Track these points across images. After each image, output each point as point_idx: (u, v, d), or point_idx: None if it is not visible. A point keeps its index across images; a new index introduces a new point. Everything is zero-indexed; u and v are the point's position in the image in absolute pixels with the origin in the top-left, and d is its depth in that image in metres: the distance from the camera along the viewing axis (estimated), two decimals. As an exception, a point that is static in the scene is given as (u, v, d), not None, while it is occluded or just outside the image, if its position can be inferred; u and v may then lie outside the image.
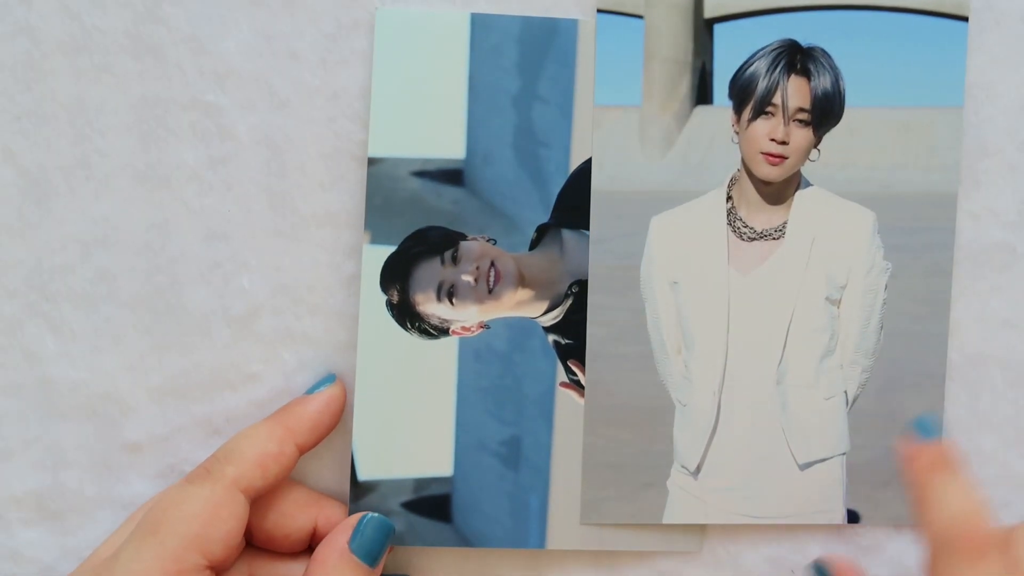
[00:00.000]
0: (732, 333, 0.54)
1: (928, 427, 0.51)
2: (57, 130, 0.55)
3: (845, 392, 0.54)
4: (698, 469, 0.54)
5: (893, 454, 0.53)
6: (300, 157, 0.55)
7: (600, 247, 0.53)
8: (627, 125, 0.53)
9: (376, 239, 0.55)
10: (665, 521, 0.54)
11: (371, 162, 0.54)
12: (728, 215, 0.54)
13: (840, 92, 0.53)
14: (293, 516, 0.53)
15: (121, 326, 0.56)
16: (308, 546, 0.54)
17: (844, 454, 0.54)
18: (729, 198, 0.54)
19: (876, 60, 0.52)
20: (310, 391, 0.54)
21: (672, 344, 0.54)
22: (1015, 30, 0.55)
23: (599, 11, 0.52)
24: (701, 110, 0.53)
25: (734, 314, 0.53)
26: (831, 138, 0.53)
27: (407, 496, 0.55)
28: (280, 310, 0.56)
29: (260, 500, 0.52)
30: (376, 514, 0.52)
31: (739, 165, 0.53)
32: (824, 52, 0.52)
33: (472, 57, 0.54)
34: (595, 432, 0.54)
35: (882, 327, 0.54)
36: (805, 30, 0.52)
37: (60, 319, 0.56)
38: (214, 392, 0.56)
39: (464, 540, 0.55)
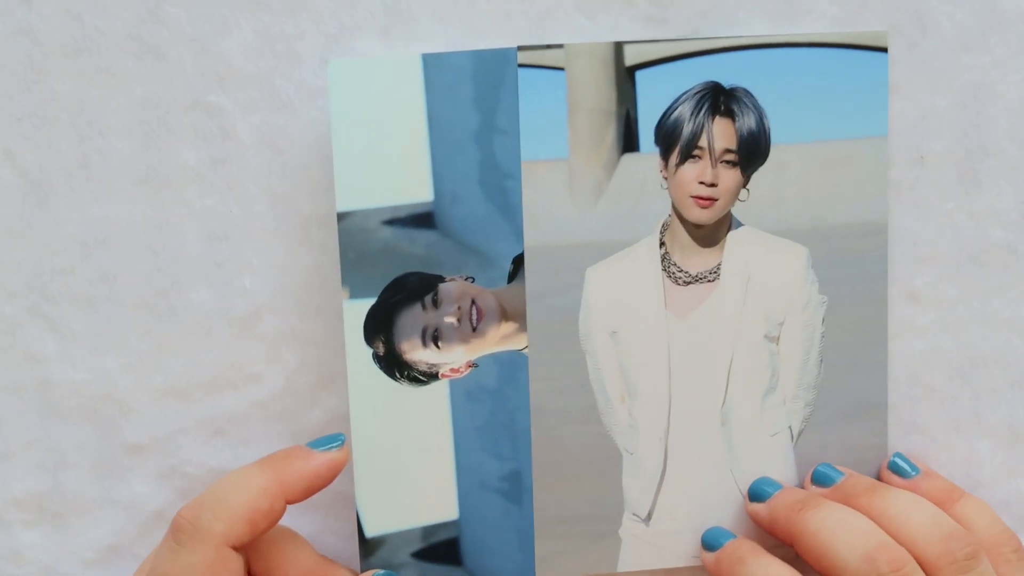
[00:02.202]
0: (674, 378, 0.54)
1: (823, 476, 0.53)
2: (58, 131, 0.55)
3: (790, 427, 0.54)
4: (649, 516, 0.54)
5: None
6: (301, 157, 0.55)
7: (537, 303, 0.53)
8: (556, 178, 0.53)
9: (355, 294, 0.54)
10: (620, 570, 0.54)
11: (340, 217, 0.54)
12: (662, 261, 0.54)
13: (765, 130, 0.53)
14: None
15: (122, 327, 0.56)
16: None
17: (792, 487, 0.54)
18: (662, 244, 0.54)
19: (798, 96, 0.53)
20: (315, 445, 0.51)
21: (615, 393, 0.54)
22: (1016, 30, 0.55)
23: (520, 66, 0.52)
24: (628, 158, 0.53)
25: (675, 359, 0.54)
26: (760, 176, 0.53)
27: (416, 546, 0.55)
28: (281, 310, 0.56)
29: (267, 569, 0.51)
30: (383, 571, 0.53)
31: (670, 210, 0.53)
32: (747, 92, 0.52)
33: (428, 97, 0.54)
34: (544, 487, 0.54)
35: (822, 360, 0.54)
36: (727, 71, 0.53)
37: (61, 320, 0.56)
38: (215, 393, 0.56)
39: None
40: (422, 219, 0.55)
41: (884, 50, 0.53)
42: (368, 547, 0.55)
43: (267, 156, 0.55)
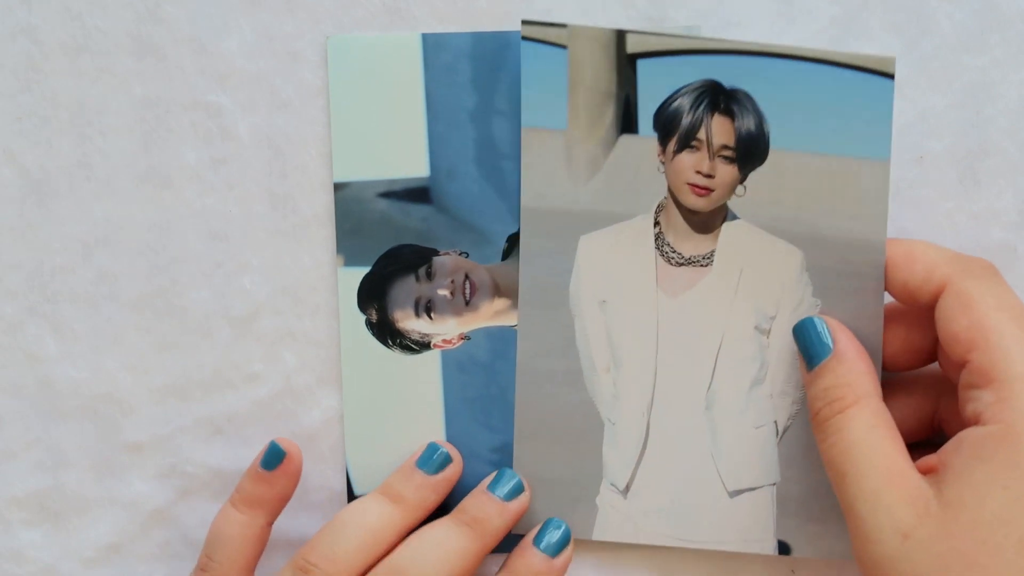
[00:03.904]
0: (661, 355, 0.53)
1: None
2: (58, 131, 0.55)
3: (775, 422, 0.53)
4: (627, 488, 0.54)
5: (824, 490, 0.53)
6: (301, 157, 0.55)
7: (529, 263, 0.53)
8: (554, 147, 0.53)
9: (349, 262, 0.55)
10: (595, 538, 0.54)
11: (337, 187, 0.55)
12: (656, 240, 0.53)
13: (764, 133, 0.52)
14: None
15: (122, 326, 0.56)
16: None
17: (774, 484, 0.53)
18: (657, 223, 0.53)
19: (800, 108, 0.52)
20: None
21: (601, 362, 0.54)
22: (1015, 30, 0.55)
23: (523, 39, 0.52)
24: (626, 138, 0.53)
25: (663, 336, 0.53)
26: (757, 176, 0.52)
27: None
28: (281, 310, 0.56)
29: None
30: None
31: (665, 193, 0.53)
32: (747, 95, 0.52)
33: (427, 77, 0.55)
34: (524, 446, 0.54)
35: None
36: (728, 73, 0.52)
37: (61, 319, 0.56)
38: (215, 392, 0.56)
39: None
40: (418, 193, 0.55)
41: (891, 76, 0.52)
42: None
43: (267, 156, 0.55)
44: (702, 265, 0.53)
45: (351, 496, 0.56)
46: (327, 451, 0.56)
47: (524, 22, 0.52)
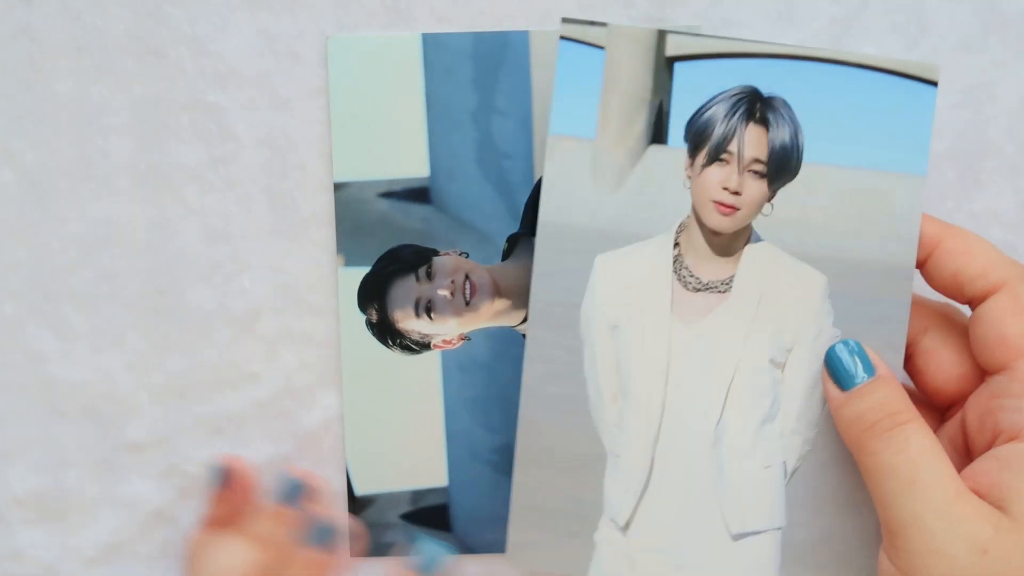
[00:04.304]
0: (671, 386, 0.51)
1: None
2: (58, 130, 0.55)
3: (784, 463, 0.51)
4: (627, 525, 0.51)
5: (832, 537, 0.50)
6: (300, 157, 0.55)
7: (543, 281, 0.51)
8: (579, 157, 0.51)
9: (350, 261, 0.55)
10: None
11: (337, 187, 0.55)
12: (675, 263, 0.51)
13: (799, 146, 0.50)
14: None
15: (122, 326, 0.56)
16: None
17: (780, 529, 0.50)
18: (676, 244, 0.51)
19: (838, 117, 0.50)
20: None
21: (608, 390, 0.51)
22: (1015, 30, 0.55)
23: (562, 38, 0.51)
24: (655, 149, 0.51)
25: (674, 366, 0.51)
26: (786, 194, 0.50)
27: (405, 508, 0.56)
28: (281, 310, 0.56)
29: None
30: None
31: (689, 211, 0.51)
32: (785, 103, 0.50)
33: (427, 77, 0.55)
34: (525, 472, 0.51)
35: None
36: (767, 78, 0.50)
37: (61, 319, 0.56)
38: (215, 392, 0.56)
39: (467, 548, 0.56)
40: (418, 193, 0.55)
41: (934, 83, 0.50)
42: (357, 505, 0.56)
43: (267, 156, 0.55)
44: (720, 291, 0.51)
45: (351, 496, 0.56)
46: (327, 451, 0.56)
47: (564, 20, 0.51)
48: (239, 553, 0.50)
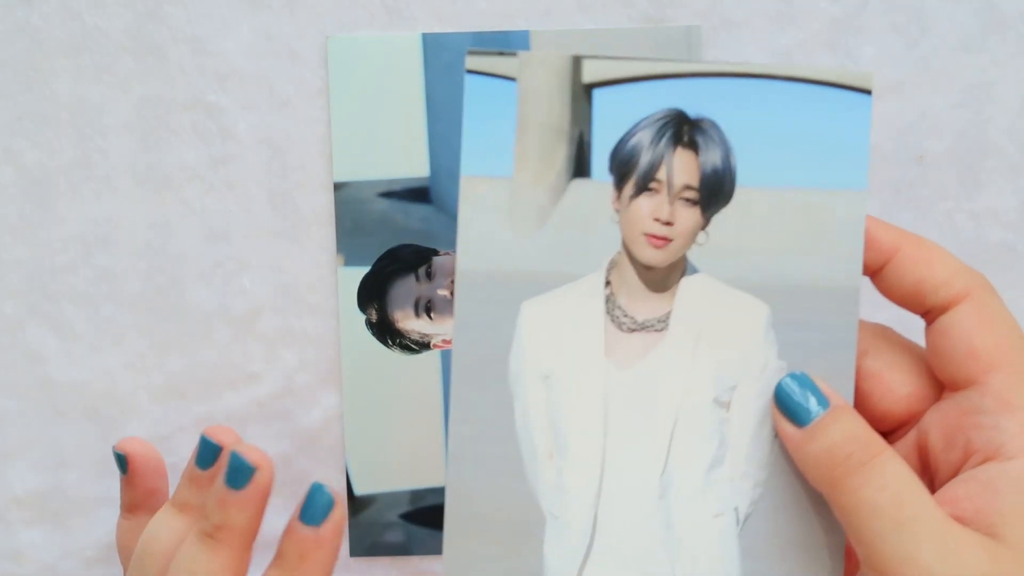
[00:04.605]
0: (610, 437, 0.47)
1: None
2: (58, 130, 0.55)
3: (736, 509, 0.47)
4: None
5: None
6: (300, 157, 0.55)
7: (464, 334, 0.47)
8: (496, 197, 0.47)
9: (349, 261, 0.55)
10: None
11: (337, 187, 0.55)
12: (607, 302, 0.47)
13: (731, 169, 0.47)
14: None
15: (122, 326, 0.56)
16: None
17: None
18: (608, 283, 0.47)
19: (771, 135, 0.47)
20: (310, 519, 0.44)
21: (543, 447, 0.47)
22: (1015, 30, 0.55)
23: (468, 71, 0.47)
24: (578, 183, 0.47)
25: (612, 414, 0.47)
26: (721, 220, 0.47)
27: (404, 508, 0.56)
28: (281, 310, 0.56)
29: None
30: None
31: (619, 247, 0.47)
32: (713, 124, 0.47)
33: (427, 76, 0.55)
34: (456, 546, 0.47)
35: (776, 435, 0.46)
36: (693, 99, 0.47)
37: (61, 319, 0.56)
38: (215, 392, 0.56)
39: None
40: (418, 193, 0.56)
41: (868, 92, 0.46)
42: (356, 505, 0.56)
43: (267, 156, 0.55)
44: (656, 330, 0.47)
45: (351, 495, 0.56)
46: (327, 451, 0.56)
47: (470, 52, 0.47)
48: (162, 526, 0.47)
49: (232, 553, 0.44)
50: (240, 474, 0.44)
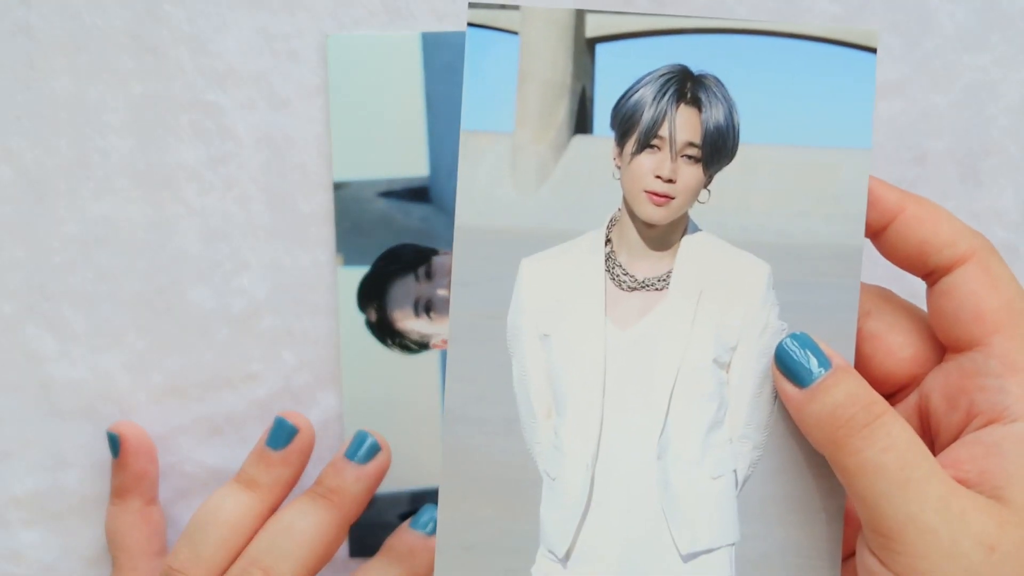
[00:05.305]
0: (609, 396, 0.46)
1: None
2: (57, 129, 0.55)
3: (735, 471, 0.46)
4: (567, 555, 0.46)
5: (788, 549, 0.46)
6: (300, 157, 0.55)
7: (462, 292, 0.46)
8: (497, 154, 0.47)
9: (349, 261, 0.55)
10: None
11: (337, 186, 0.55)
12: (607, 260, 0.47)
13: (734, 126, 0.46)
14: None
15: (121, 326, 0.56)
16: None
17: (733, 545, 0.46)
18: (608, 241, 0.47)
19: (775, 93, 0.46)
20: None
21: (541, 407, 0.47)
22: (1016, 29, 0.55)
23: (469, 25, 0.46)
24: (579, 140, 0.47)
25: (611, 374, 0.46)
26: (723, 178, 0.46)
27: (404, 508, 0.56)
28: (280, 309, 0.56)
29: None
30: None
31: (620, 204, 0.47)
32: (717, 80, 0.46)
33: (427, 75, 0.55)
34: (451, 506, 0.46)
35: (776, 397, 0.46)
36: (697, 55, 0.46)
37: (60, 319, 0.56)
38: (214, 392, 0.56)
39: None
40: (418, 193, 0.56)
41: (873, 51, 0.46)
42: None
43: (266, 155, 0.55)
44: (657, 289, 0.47)
45: None
46: (327, 451, 0.56)
47: (471, 4, 0.46)
48: (227, 498, 0.51)
49: (340, 514, 0.51)
50: (365, 451, 0.52)
